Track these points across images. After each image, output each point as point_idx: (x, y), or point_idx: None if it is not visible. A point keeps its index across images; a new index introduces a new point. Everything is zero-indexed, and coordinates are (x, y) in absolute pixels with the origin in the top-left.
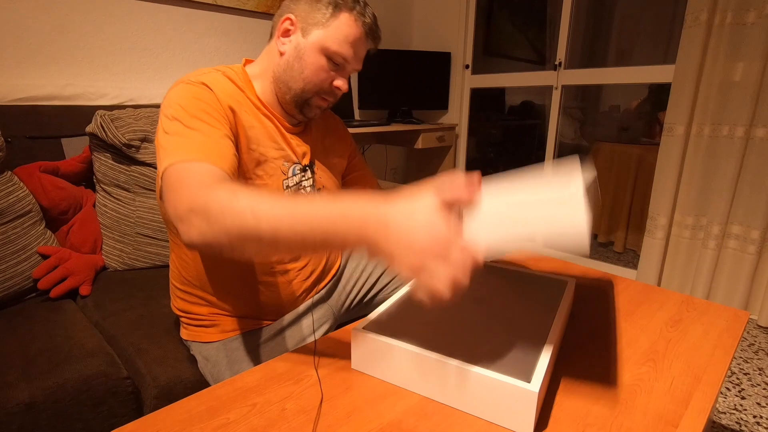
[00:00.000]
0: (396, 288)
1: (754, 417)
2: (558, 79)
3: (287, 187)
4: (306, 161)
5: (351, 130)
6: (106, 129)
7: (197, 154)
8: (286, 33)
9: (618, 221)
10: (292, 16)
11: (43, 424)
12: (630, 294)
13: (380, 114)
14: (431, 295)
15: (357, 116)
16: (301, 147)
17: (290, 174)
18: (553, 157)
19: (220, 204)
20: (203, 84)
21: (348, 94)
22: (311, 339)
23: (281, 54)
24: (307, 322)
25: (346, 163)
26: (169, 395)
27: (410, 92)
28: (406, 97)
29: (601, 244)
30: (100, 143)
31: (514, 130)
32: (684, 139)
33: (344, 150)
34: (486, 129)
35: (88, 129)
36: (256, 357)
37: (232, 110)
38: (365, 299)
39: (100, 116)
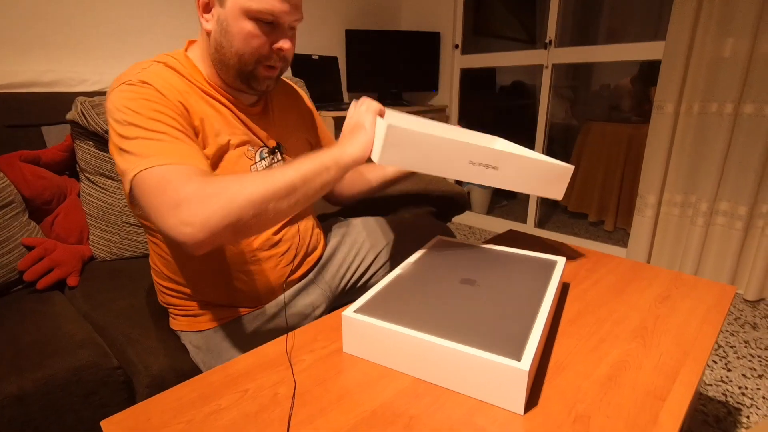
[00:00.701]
0: (391, 269)
1: (740, 388)
2: (548, 58)
3: (256, 171)
4: (272, 143)
5: (340, 114)
6: (87, 116)
7: (173, 158)
8: (207, 8)
9: (608, 201)
10: None
11: (33, 416)
12: (620, 272)
13: (369, 96)
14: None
15: (346, 99)
16: (264, 129)
17: (257, 159)
18: (544, 138)
19: (231, 180)
20: (145, 83)
21: (336, 77)
22: (306, 322)
23: (208, 33)
24: (298, 306)
25: (315, 138)
26: (162, 384)
27: (399, 74)
28: (395, 79)
29: (591, 224)
30: (81, 131)
31: (505, 111)
32: (673, 117)
33: (311, 124)
34: (476, 110)
35: (69, 116)
36: (248, 343)
37: (183, 105)
38: (360, 282)
39: (81, 103)
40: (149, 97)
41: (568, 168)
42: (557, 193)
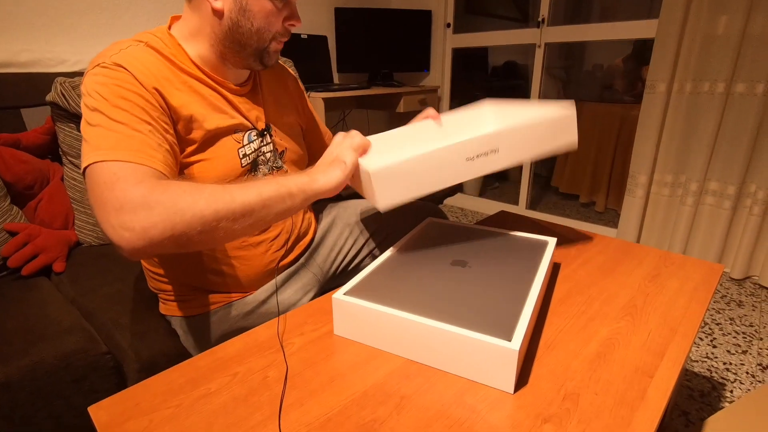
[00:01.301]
0: (382, 252)
1: (724, 364)
2: (541, 37)
3: (244, 155)
4: (261, 125)
5: (330, 95)
6: (67, 97)
7: (127, 153)
8: None
9: (600, 182)
10: None
11: (21, 403)
12: (610, 252)
13: (360, 77)
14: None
15: (336, 80)
16: (253, 110)
17: (246, 141)
18: None
19: (187, 192)
20: (119, 66)
21: (326, 57)
22: (298, 306)
23: (217, 12)
24: (290, 291)
25: (303, 120)
26: (153, 369)
27: (390, 54)
28: (386, 59)
29: (583, 205)
30: (62, 113)
31: (497, 92)
32: (665, 96)
33: (301, 105)
34: (469, 91)
35: (49, 98)
36: (239, 328)
37: (159, 91)
38: (351, 265)
39: (60, 84)
40: (120, 82)
41: (570, 114)
42: (570, 142)
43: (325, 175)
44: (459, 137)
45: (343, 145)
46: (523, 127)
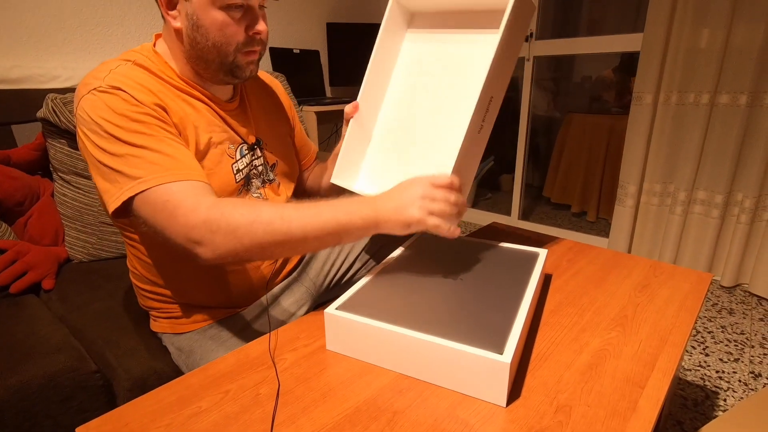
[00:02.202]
0: (375, 265)
1: (717, 372)
2: (530, 51)
3: (237, 170)
4: (252, 139)
5: (322, 108)
6: (58, 113)
7: (168, 174)
8: (171, 4)
9: (591, 191)
10: None
11: (8, 423)
12: (601, 262)
13: (352, 91)
14: (442, 227)
15: (328, 94)
16: (242, 125)
17: (238, 156)
18: (527, 130)
19: (246, 217)
20: (117, 89)
21: (318, 71)
22: (291, 321)
23: (178, 31)
24: (283, 306)
25: (293, 130)
26: (144, 387)
27: None
28: None
29: (574, 215)
30: (53, 129)
31: None
32: (652, 107)
33: (291, 115)
34: None
35: (40, 114)
36: (232, 344)
37: (161, 107)
38: (345, 278)
39: (52, 100)
40: (126, 106)
41: None
42: (531, 8)
43: (396, 225)
44: (454, 123)
45: (416, 200)
46: (494, 62)
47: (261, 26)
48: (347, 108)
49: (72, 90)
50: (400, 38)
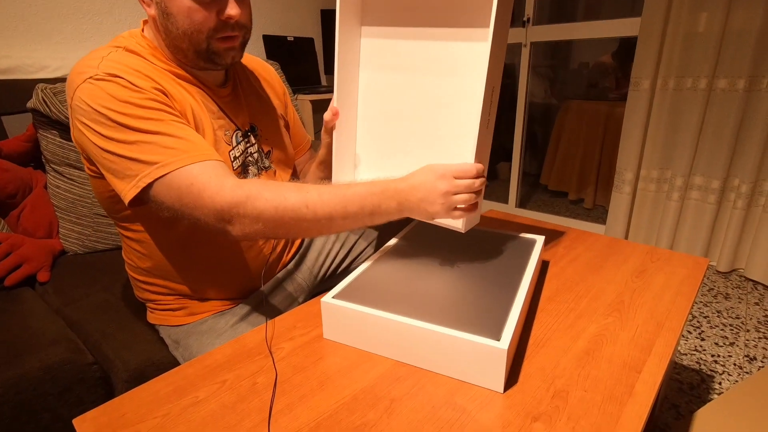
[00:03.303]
0: (371, 254)
1: (713, 356)
2: (526, 36)
3: (234, 158)
4: (246, 126)
5: (317, 97)
6: (49, 104)
7: (185, 156)
8: None
9: (588, 178)
10: None
11: (6, 416)
12: (598, 248)
13: None
14: (464, 215)
15: (323, 82)
16: (236, 112)
17: (234, 143)
18: (524, 117)
19: (271, 203)
20: (115, 76)
21: (313, 59)
22: (288, 311)
23: (154, 19)
24: (280, 296)
25: (287, 116)
26: (141, 379)
27: None
28: None
29: (572, 202)
30: (44, 120)
31: None
32: (650, 93)
33: (283, 103)
34: None
35: (30, 105)
36: (228, 336)
37: (162, 92)
38: (341, 268)
39: (42, 90)
40: (127, 94)
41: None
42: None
43: (419, 215)
44: (458, 120)
45: (438, 197)
46: (491, 51)
47: (232, 10)
48: (326, 116)
49: (62, 80)
50: (357, 34)
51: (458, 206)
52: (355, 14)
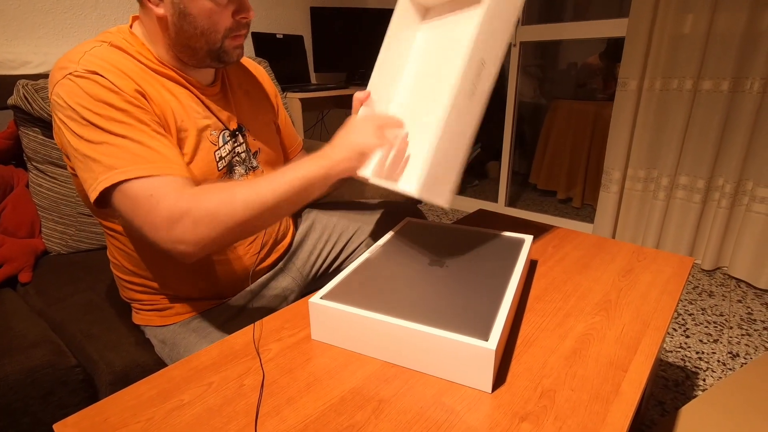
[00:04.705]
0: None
1: (697, 353)
2: (516, 36)
3: (220, 158)
4: (233, 125)
5: (307, 95)
6: (31, 101)
7: (148, 167)
8: None
9: (576, 178)
10: None
11: None
12: (585, 247)
13: (338, 77)
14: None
15: (313, 80)
16: (224, 110)
17: (220, 143)
18: (513, 116)
19: (223, 202)
20: (94, 73)
21: (302, 57)
22: (277, 311)
23: (162, 18)
24: (269, 296)
25: (277, 117)
26: (127, 381)
27: (367, 53)
28: (363, 58)
29: (560, 201)
30: (26, 117)
31: None
32: (637, 93)
33: (273, 103)
34: None
35: (11, 101)
36: (216, 336)
37: (140, 93)
38: (332, 267)
39: (23, 86)
40: (103, 92)
41: None
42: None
43: (345, 160)
44: (444, 82)
45: (369, 129)
46: (484, 20)
47: (250, 10)
48: (358, 94)
49: (45, 76)
50: (413, 30)
51: (387, 135)
52: (414, 11)
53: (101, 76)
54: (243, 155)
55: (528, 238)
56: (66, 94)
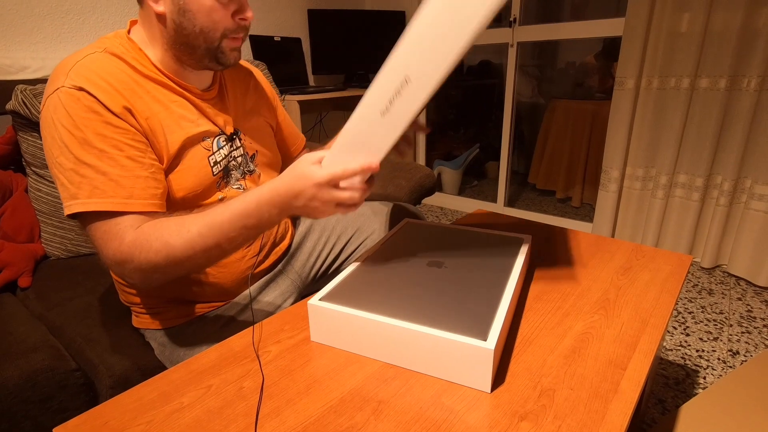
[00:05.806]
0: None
1: (697, 351)
2: (513, 36)
3: (215, 162)
4: (230, 129)
5: (305, 98)
6: (29, 106)
7: (105, 202)
8: None
9: (575, 177)
10: None
11: None
12: (584, 246)
13: (336, 79)
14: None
15: (311, 82)
16: (220, 115)
17: (215, 148)
18: (511, 116)
19: (160, 254)
20: (81, 90)
21: (300, 59)
22: (276, 313)
23: (160, 16)
24: (268, 298)
25: (274, 121)
26: (127, 384)
27: (365, 54)
28: (361, 60)
29: (559, 200)
30: (24, 122)
31: (473, 91)
32: (634, 92)
33: (270, 106)
34: (445, 90)
35: (9, 106)
36: (216, 339)
37: (127, 109)
38: (331, 269)
39: (21, 92)
40: (82, 114)
41: None
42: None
43: (303, 215)
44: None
45: (324, 200)
46: (417, 30)
47: (249, 12)
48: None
49: (42, 81)
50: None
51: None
52: None
53: (86, 92)
54: (240, 159)
55: (527, 238)
56: (53, 111)
